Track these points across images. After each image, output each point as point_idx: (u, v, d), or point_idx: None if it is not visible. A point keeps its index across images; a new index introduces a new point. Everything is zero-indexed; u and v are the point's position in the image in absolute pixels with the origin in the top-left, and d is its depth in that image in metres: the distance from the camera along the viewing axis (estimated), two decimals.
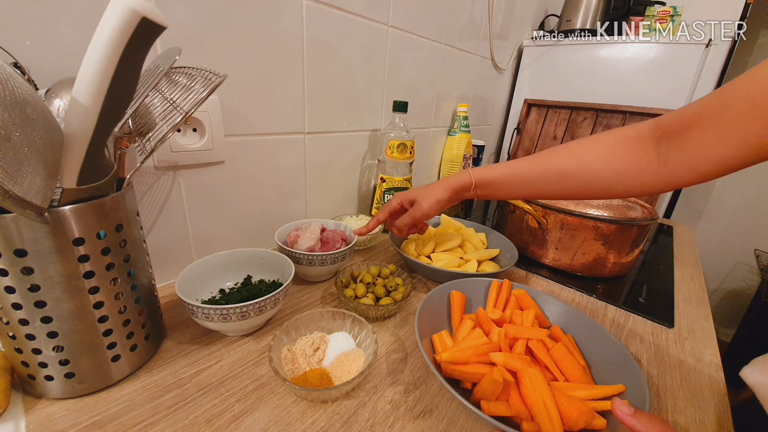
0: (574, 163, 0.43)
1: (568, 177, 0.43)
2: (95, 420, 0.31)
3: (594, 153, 0.41)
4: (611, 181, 0.40)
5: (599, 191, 0.42)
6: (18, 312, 0.29)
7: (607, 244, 0.61)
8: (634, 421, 0.27)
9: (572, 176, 0.43)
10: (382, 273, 0.55)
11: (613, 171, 0.40)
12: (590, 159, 0.41)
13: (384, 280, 0.52)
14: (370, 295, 0.49)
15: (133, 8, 0.23)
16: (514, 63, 1.29)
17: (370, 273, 0.54)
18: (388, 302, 0.48)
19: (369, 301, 0.48)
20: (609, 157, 0.40)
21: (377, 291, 0.50)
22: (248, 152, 0.56)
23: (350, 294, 0.49)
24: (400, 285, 0.52)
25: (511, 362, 0.35)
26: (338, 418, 0.33)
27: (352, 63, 0.68)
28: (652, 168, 0.36)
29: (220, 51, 0.49)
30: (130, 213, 0.34)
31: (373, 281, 0.53)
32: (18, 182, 0.22)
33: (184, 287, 0.41)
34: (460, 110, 1.01)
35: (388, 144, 0.73)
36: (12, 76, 0.22)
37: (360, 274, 0.55)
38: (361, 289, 0.50)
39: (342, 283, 0.51)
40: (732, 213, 1.56)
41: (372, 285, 0.52)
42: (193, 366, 0.38)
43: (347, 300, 0.47)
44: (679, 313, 0.56)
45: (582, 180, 0.42)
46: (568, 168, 0.43)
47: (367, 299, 0.48)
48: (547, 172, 0.45)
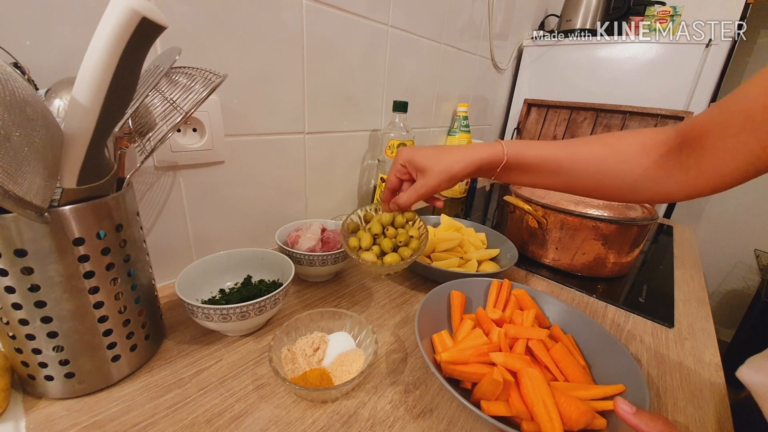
0: (616, 158, 0.39)
1: (607, 173, 0.40)
2: (95, 420, 0.31)
3: (632, 150, 0.39)
4: (642, 184, 0.38)
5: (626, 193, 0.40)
6: (18, 312, 0.29)
7: (607, 244, 0.61)
8: (636, 420, 0.27)
9: (611, 172, 0.40)
10: (396, 221, 0.47)
11: (646, 173, 0.38)
12: (630, 156, 0.39)
13: (396, 231, 0.46)
14: (375, 248, 0.44)
15: (133, 8, 0.23)
16: (514, 63, 1.29)
17: (381, 221, 0.46)
18: (394, 260, 0.42)
19: (372, 256, 0.42)
20: (645, 159, 0.38)
21: (383, 244, 0.44)
22: (248, 152, 0.56)
23: (354, 244, 0.44)
24: (414, 238, 0.45)
25: (511, 362, 0.35)
26: (338, 418, 0.33)
27: (352, 63, 0.68)
28: (677, 175, 0.36)
29: (220, 51, 0.49)
30: (130, 213, 0.34)
31: (382, 231, 0.46)
32: (18, 182, 0.22)
33: (184, 287, 0.41)
34: (460, 110, 1.01)
35: (388, 144, 0.73)
36: (12, 76, 0.22)
37: (371, 218, 0.48)
38: (366, 240, 0.44)
39: (349, 229, 0.45)
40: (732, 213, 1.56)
41: (380, 236, 0.45)
42: (193, 366, 0.38)
43: (350, 251, 0.43)
44: (679, 313, 0.56)
45: (617, 177, 0.39)
46: (609, 163, 0.40)
47: (371, 254, 0.43)
48: (588, 164, 0.41)
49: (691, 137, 0.34)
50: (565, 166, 0.41)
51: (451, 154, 0.43)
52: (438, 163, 0.43)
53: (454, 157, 0.42)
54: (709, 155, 0.32)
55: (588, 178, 0.41)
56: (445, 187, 0.43)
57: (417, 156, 0.44)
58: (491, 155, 0.42)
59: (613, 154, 0.40)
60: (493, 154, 0.42)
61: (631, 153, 0.39)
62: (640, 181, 0.38)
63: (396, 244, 0.44)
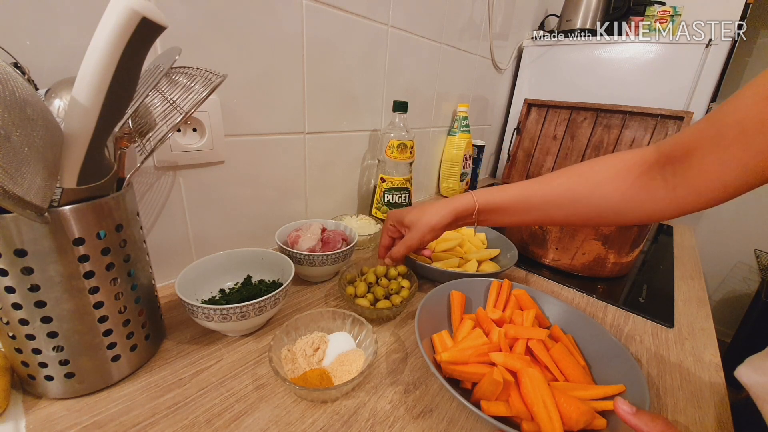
0: (587, 186, 0.40)
1: (581, 201, 0.41)
2: (95, 420, 0.31)
3: (604, 176, 0.39)
4: (624, 206, 0.38)
5: (610, 217, 0.40)
6: (18, 312, 0.29)
7: (607, 244, 0.61)
8: (636, 420, 0.27)
9: (584, 201, 0.40)
10: (389, 273, 0.53)
11: (625, 196, 0.38)
12: (603, 182, 0.39)
13: (388, 282, 0.51)
14: (369, 296, 0.48)
15: (133, 8, 0.23)
16: (514, 63, 1.29)
17: (375, 272, 0.53)
18: (385, 306, 0.47)
19: (365, 302, 0.47)
20: (621, 182, 0.38)
21: (376, 292, 0.49)
22: (248, 152, 0.56)
23: (350, 292, 0.49)
24: (405, 288, 0.50)
25: (511, 362, 0.35)
26: (338, 418, 0.33)
27: (352, 63, 0.68)
28: (661, 194, 0.35)
29: (220, 51, 0.49)
30: (130, 213, 0.34)
31: (376, 281, 0.51)
32: (18, 182, 0.22)
33: (184, 287, 0.41)
34: (460, 110, 1.01)
35: (388, 144, 0.73)
36: (12, 76, 0.22)
37: (367, 271, 0.53)
38: (361, 288, 0.49)
39: (347, 279, 0.50)
40: (732, 213, 1.56)
41: (374, 285, 0.50)
42: (193, 366, 0.38)
43: (346, 297, 0.47)
44: (679, 313, 0.56)
45: (593, 205, 0.40)
46: (580, 192, 0.41)
47: (364, 300, 0.47)
48: (558, 196, 0.42)
49: (677, 155, 0.34)
50: (535, 203, 0.44)
51: (431, 208, 0.48)
52: (420, 218, 0.48)
53: (433, 210, 0.48)
54: (698, 171, 0.32)
55: (563, 209, 0.42)
56: (430, 238, 0.48)
57: (403, 216, 0.50)
58: (464, 205, 0.46)
59: (582, 183, 0.41)
60: (465, 204, 0.46)
61: (604, 179, 0.39)
62: (622, 205, 0.39)
63: (388, 292, 0.50)
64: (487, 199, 0.46)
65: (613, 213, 0.40)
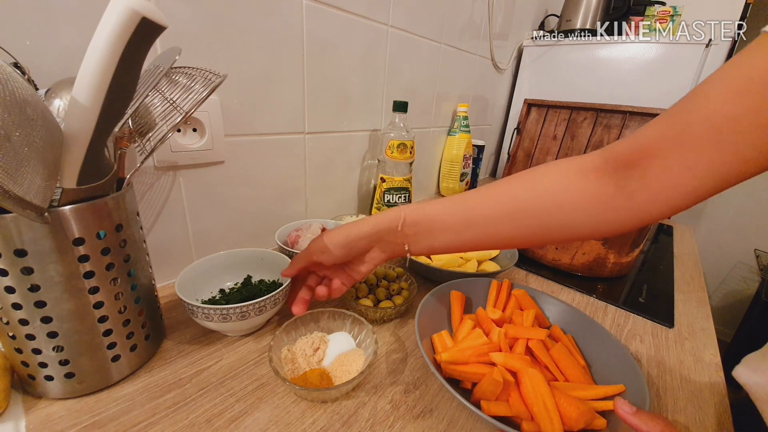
0: (534, 193, 0.34)
1: (528, 211, 0.34)
2: (95, 420, 0.31)
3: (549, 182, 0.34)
4: (575, 216, 0.33)
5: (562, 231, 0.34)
6: (18, 312, 0.29)
7: (607, 244, 0.61)
8: (636, 420, 0.27)
9: (532, 210, 0.34)
10: (389, 275, 0.54)
11: (574, 205, 0.33)
12: (552, 189, 0.34)
13: (389, 283, 0.52)
14: (371, 297, 0.49)
15: (133, 8, 0.23)
16: (514, 63, 1.29)
17: (375, 274, 0.54)
18: (387, 306, 0.48)
19: (369, 303, 0.48)
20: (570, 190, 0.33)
21: (378, 293, 0.50)
22: (248, 152, 0.56)
23: (352, 293, 0.49)
24: (405, 289, 0.51)
25: (511, 362, 0.35)
26: (338, 418, 0.33)
27: (352, 63, 0.68)
28: (616, 203, 0.31)
29: (220, 51, 0.48)
30: (130, 213, 0.34)
31: (376, 283, 0.53)
32: (18, 182, 0.22)
33: (184, 287, 0.41)
34: (460, 110, 1.01)
35: (388, 144, 0.73)
36: (12, 76, 0.22)
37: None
38: (363, 290, 0.50)
39: None
40: (732, 213, 1.56)
41: (375, 287, 0.52)
42: (193, 366, 0.38)
43: (348, 299, 0.48)
44: (679, 313, 0.56)
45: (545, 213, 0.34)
46: (527, 200, 0.34)
47: (367, 301, 0.48)
48: (502, 206, 0.35)
49: (631, 159, 0.30)
50: (474, 216, 0.36)
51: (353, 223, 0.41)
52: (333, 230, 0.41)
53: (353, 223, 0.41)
54: (660, 176, 0.28)
55: (507, 224, 0.35)
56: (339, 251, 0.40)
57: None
58: (387, 217, 0.39)
59: (530, 190, 0.35)
60: (389, 216, 0.39)
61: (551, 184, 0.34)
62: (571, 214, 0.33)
63: (389, 293, 0.51)
64: (415, 211, 0.38)
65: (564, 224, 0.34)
